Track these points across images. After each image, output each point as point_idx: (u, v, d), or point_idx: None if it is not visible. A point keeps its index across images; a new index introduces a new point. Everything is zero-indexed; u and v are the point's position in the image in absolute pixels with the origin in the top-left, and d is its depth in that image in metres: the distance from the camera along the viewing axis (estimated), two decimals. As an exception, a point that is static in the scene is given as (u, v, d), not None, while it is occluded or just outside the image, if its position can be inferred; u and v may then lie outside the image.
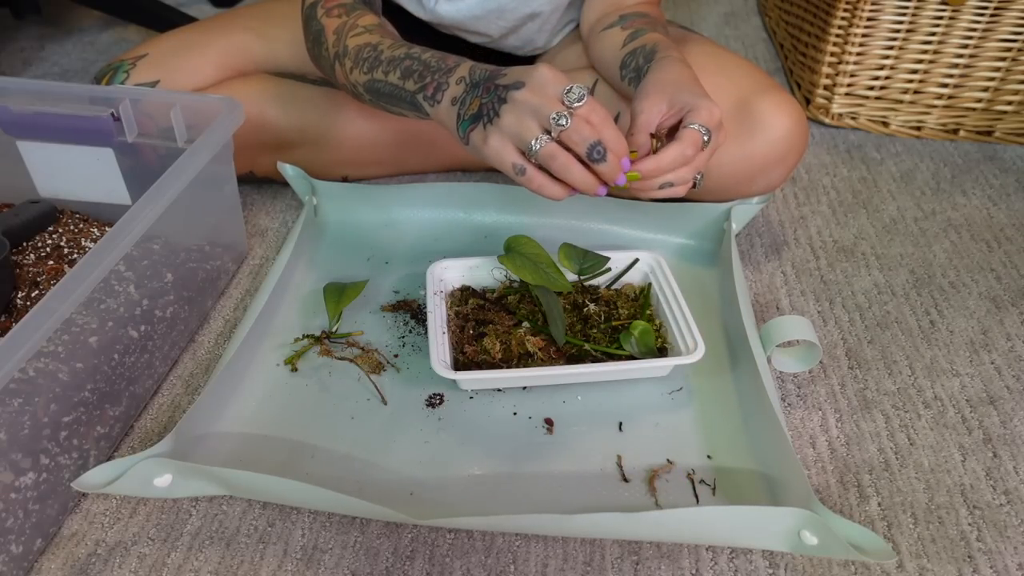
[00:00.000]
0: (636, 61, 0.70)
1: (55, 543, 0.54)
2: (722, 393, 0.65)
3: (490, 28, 0.84)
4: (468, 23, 0.83)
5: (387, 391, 0.65)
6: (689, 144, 0.59)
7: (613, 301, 0.70)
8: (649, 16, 0.75)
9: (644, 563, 0.53)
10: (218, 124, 0.67)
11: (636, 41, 0.72)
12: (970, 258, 0.83)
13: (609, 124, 0.54)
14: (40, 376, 0.51)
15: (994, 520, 0.56)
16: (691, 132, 0.59)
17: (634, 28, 0.74)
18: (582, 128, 0.53)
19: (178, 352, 0.69)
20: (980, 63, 0.99)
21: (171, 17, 1.32)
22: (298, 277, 0.76)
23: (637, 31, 0.73)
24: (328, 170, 0.87)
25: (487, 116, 0.54)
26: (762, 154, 0.75)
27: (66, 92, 0.71)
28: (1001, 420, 0.64)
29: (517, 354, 0.64)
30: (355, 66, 0.66)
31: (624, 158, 0.56)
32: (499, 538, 0.55)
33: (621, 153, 0.55)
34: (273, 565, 0.53)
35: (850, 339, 0.72)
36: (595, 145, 0.53)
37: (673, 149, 0.58)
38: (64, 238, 0.73)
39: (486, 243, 0.82)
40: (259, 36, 0.86)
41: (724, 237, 0.79)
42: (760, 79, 0.77)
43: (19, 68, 1.27)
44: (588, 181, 0.55)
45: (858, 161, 1.00)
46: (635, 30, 0.73)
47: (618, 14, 0.76)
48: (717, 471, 0.58)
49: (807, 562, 0.53)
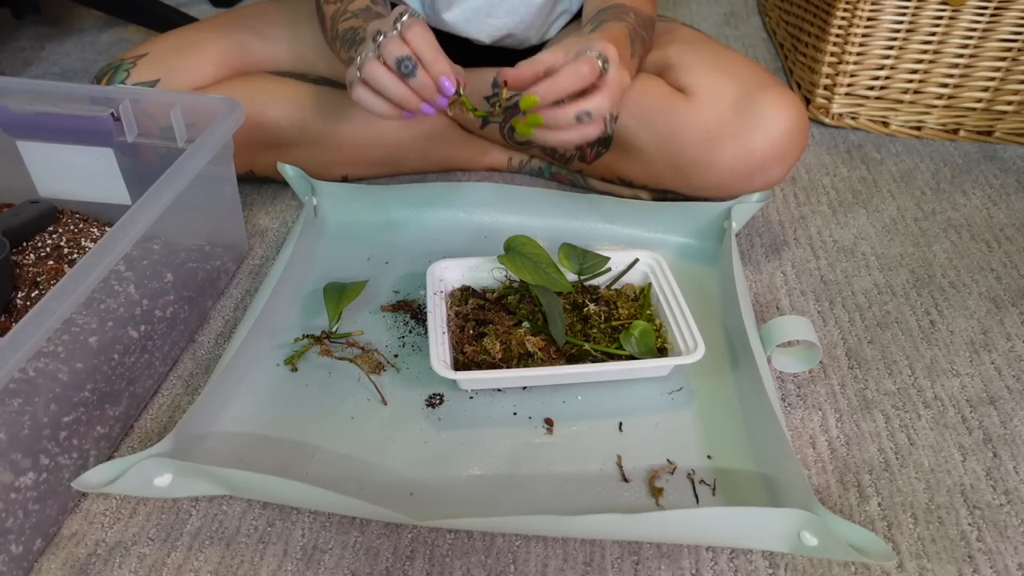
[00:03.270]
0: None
1: (55, 543, 0.54)
2: (722, 393, 0.65)
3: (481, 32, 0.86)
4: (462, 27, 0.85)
5: (387, 391, 0.65)
6: (584, 63, 0.57)
7: (613, 301, 0.70)
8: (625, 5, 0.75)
9: (644, 563, 0.53)
10: (218, 124, 0.67)
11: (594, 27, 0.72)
12: (970, 258, 0.83)
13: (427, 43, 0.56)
14: (40, 376, 0.51)
15: (994, 520, 0.56)
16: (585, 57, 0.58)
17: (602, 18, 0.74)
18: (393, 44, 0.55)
19: (178, 352, 0.69)
20: (980, 63, 0.99)
21: (171, 17, 1.32)
22: (298, 277, 0.76)
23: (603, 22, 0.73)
24: (328, 170, 0.87)
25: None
26: (762, 150, 0.75)
27: (66, 92, 0.71)
28: (1001, 420, 0.64)
29: (517, 354, 0.64)
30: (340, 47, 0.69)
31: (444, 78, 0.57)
32: (499, 538, 0.55)
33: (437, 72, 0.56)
34: (273, 565, 0.53)
35: (850, 339, 0.72)
36: (402, 59, 0.55)
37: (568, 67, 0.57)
38: (64, 238, 0.73)
39: (486, 243, 0.82)
40: (259, 36, 0.86)
41: (724, 236, 0.79)
42: (761, 75, 0.77)
43: (19, 68, 1.27)
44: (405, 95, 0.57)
45: (858, 161, 1.00)
46: (601, 21, 0.73)
47: (608, 4, 0.76)
48: (717, 471, 0.58)
49: (807, 563, 0.53)
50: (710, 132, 0.75)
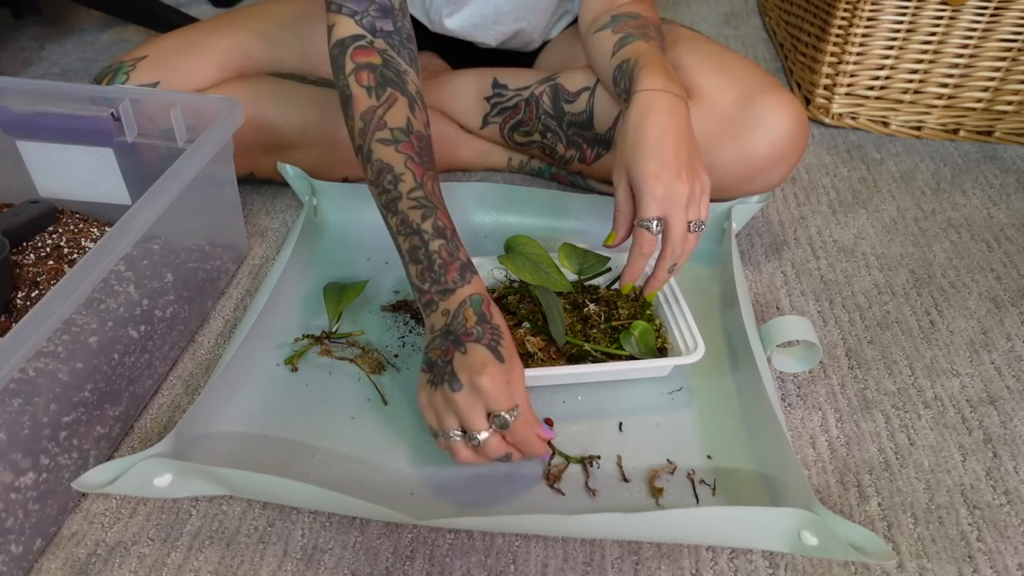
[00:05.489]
0: (624, 81, 0.70)
1: (55, 543, 0.54)
2: (722, 393, 0.65)
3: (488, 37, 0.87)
4: (468, 32, 0.86)
5: (387, 391, 0.65)
6: (643, 244, 0.62)
7: (613, 301, 0.70)
8: (641, 17, 0.75)
9: (644, 563, 0.53)
10: (218, 124, 0.67)
11: (624, 51, 0.72)
12: (970, 258, 0.83)
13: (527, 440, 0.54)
14: (40, 376, 0.51)
15: (994, 520, 0.56)
16: (638, 232, 0.62)
17: (624, 33, 0.73)
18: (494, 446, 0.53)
19: (178, 352, 0.69)
20: (980, 63, 0.99)
21: (171, 17, 1.32)
22: (298, 277, 0.76)
23: (626, 36, 0.73)
24: (328, 170, 0.87)
25: (433, 377, 0.54)
26: (763, 153, 0.75)
27: (66, 92, 0.71)
28: (1001, 420, 0.64)
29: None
30: (372, 182, 0.62)
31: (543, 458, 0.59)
32: (499, 538, 0.55)
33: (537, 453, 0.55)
34: (273, 565, 0.53)
35: (850, 339, 0.72)
36: (504, 457, 0.54)
37: (633, 258, 0.63)
38: (64, 238, 0.73)
39: (486, 243, 0.82)
40: (259, 36, 0.86)
41: (724, 236, 0.79)
42: (761, 77, 0.77)
43: (19, 68, 1.27)
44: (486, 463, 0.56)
45: (858, 161, 1.00)
46: (624, 35, 0.73)
47: (611, 14, 0.76)
48: (717, 471, 0.58)
49: (807, 562, 0.53)
50: (710, 134, 0.75)
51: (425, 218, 0.58)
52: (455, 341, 0.54)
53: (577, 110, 0.83)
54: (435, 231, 0.58)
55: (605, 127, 0.82)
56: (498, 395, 0.52)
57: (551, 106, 0.84)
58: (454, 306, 0.56)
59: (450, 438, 0.53)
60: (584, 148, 0.85)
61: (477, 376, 0.51)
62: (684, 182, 0.61)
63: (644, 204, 0.61)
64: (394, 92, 0.62)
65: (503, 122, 0.88)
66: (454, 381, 0.52)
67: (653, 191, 0.60)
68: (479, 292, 0.57)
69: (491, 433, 0.52)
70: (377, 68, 0.63)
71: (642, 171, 0.61)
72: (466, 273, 0.57)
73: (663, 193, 0.60)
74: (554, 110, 0.84)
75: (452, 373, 0.52)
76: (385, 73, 0.63)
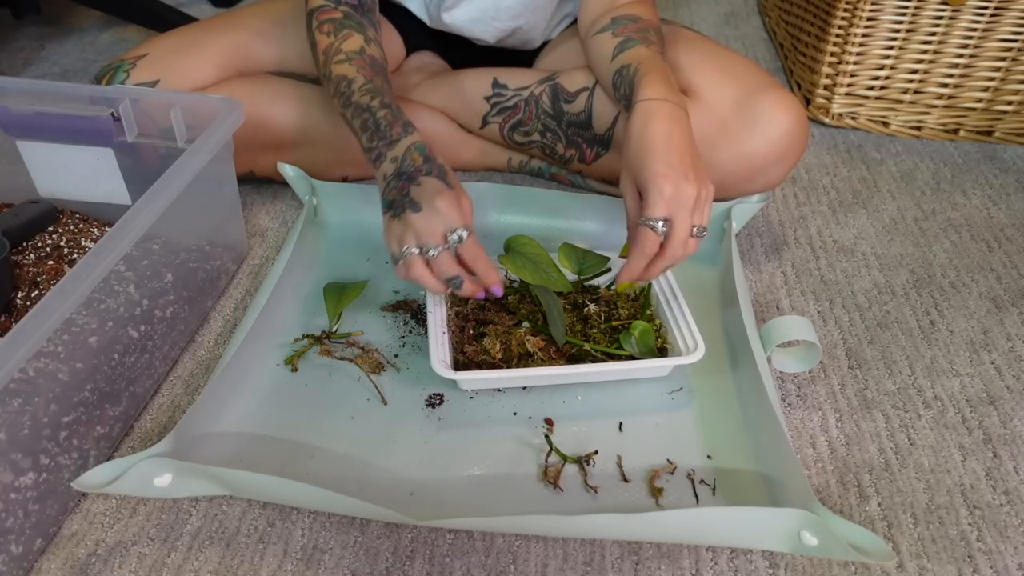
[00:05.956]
0: (624, 87, 0.70)
1: (55, 543, 0.54)
2: (722, 393, 0.65)
3: (486, 33, 0.87)
4: (466, 28, 0.86)
5: (387, 391, 0.65)
6: (646, 243, 0.62)
7: (613, 301, 0.70)
8: (641, 20, 0.75)
9: (644, 563, 0.53)
10: (218, 124, 0.67)
11: (624, 56, 0.72)
12: (970, 258, 0.83)
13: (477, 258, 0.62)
14: (40, 376, 0.51)
15: (994, 520, 0.56)
16: (642, 231, 0.62)
17: (624, 37, 0.73)
18: (446, 264, 0.61)
19: (178, 352, 0.69)
20: (980, 63, 0.99)
21: (171, 17, 1.32)
22: (298, 277, 0.76)
23: (627, 40, 0.73)
24: (328, 170, 0.87)
25: (394, 211, 0.62)
26: (762, 153, 0.75)
27: (66, 92, 0.71)
28: (1001, 420, 0.64)
29: (517, 354, 0.64)
30: (334, 94, 0.71)
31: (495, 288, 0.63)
32: (499, 538, 0.55)
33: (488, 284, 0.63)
34: (273, 565, 0.53)
35: (850, 339, 0.72)
36: (452, 279, 0.61)
37: (633, 257, 0.63)
38: (64, 238, 0.73)
39: (486, 243, 0.81)
40: (259, 36, 0.86)
41: (724, 236, 0.79)
42: (761, 77, 0.77)
43: (19, 68, 1.27)
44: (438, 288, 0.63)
45: (858, 161, 1.00)
46: (624, 39, 0.73)
47: (611, 16, 0.76)
48: (717, 471, 0.58)
49: (807, 562, 0.53)
50: (710, 133, 0.75)
51: (373, 98, 0.67)
52: (408, 178, 0.62)
53: (576, 110, 0.83)
54: (381, 104, 0.67)
55: (604, 127, 0.82)
56: (452, 214, 0.60)
57: (550, 106, 0.84)
58: (401, 152, 0.64)
59: (406, 255, 0.60)
60: (583, 148, 0.85)
61: (433, 198, 0.60)
62: (692, 183, 0.60)
63: (651, 203, 0.61)
64: (350, 31, 0.72)
65: (503, 122, 0.88)
66: (414, 205, 0.60)
67: (661, 190, 0.60)
68: (422, 140, 0.65)
69: (443, 250, 0.60)
70: (337, 20, 0.73)
71: (650, 171, 0.61)
72: (408, 127, 0.66)
73: (671, 192, 0.60)
74: (553, 110, 0.84)
75: (412, 200, 0.61)
76: (345, 22, 0.73)
